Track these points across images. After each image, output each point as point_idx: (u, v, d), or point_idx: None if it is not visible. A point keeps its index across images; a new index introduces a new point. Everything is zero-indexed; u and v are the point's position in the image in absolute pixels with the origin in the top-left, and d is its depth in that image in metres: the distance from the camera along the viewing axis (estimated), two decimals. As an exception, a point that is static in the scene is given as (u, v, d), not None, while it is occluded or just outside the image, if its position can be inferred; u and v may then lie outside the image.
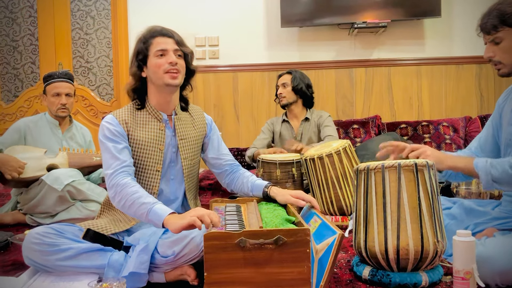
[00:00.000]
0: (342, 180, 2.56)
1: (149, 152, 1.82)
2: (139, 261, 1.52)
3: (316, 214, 1.66)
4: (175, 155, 1.87)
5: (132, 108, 1.86)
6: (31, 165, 2.62)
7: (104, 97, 4.47)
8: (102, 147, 1.77)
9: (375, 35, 4.03)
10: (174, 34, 1.85)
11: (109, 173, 1.69)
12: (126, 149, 1.77)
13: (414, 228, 1.52)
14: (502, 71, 1.69)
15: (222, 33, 4.19)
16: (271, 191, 1.84)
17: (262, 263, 1.33)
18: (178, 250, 1.53)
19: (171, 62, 1.78)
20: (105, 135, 1.76)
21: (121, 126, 1.79)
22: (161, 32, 1.82)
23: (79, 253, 1.57)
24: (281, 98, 3.20)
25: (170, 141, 1.86)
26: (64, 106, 2.81)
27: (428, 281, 1.52)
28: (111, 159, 1.72)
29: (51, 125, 2.87)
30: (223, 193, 3.11)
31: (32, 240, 1.57)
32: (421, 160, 1.57)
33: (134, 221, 1.77)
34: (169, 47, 1.80)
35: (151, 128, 1.84)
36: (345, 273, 1.71)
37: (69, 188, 2.54)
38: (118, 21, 4.26)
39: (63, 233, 1.61)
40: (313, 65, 4.06)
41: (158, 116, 1.85)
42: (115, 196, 1.65)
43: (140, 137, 1.81)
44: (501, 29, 1.63)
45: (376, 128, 3.78)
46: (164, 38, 1.81)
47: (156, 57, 1.79)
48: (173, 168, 1.88)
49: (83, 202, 2.61)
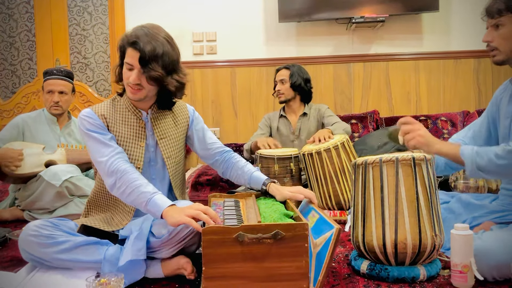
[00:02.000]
0: (340, 175, 2.56)
1: (130, 148, 1.76)
2: (135, 248, 1.52)
3: (313, 209, 1.66)
4: (154, 155, 1.82)
5: (111, 104, 1.81)
6: (29, 161, 2.61)
7: (101, 93, 4.46)
8: (88, 138, 1.70)
9: (373, 29, 4.03)
10: (145, 49, 1.60)
11: (104, 160, 1.64)
12: (113, 139, 1.73)
13: (412, 222, 1.53)
14: (496, 58, 1.70)
15: (219, 28, 4.17)
16: (270, 189, 1.81)
17: (260, 258, 1.33)
18: (172, 227, 1.53)
19: (131, 81, 1.67)
20: (87, 127, 1.70)
21: (100, 120, 1.74)
22: (133, 45, 1.63)
23: (76, 246, 1.57)
24: (279, 94, 3.17)
25: (149, 141, 1.80)
26: (57, 104, 2.77)
27: (426, 275, 1.53)
28: (102, 148, 1.67)
29: (49, 122, 2.86)
30: (222, 188, 3.12)
31: (30, 232, 1.57)
32: (419, 154, 1.58)
33: (126, 220, 1.75)
34: (135, 64, 1.64)
35: (130, 123, 1.78)
36: (343, 267, 1.71)
37: (67, 184, 2.54)
38: (115, 16, 4.25)
39: (59, 226, 1.62)
40: (311, 60, 4.05)
41: (137, 113, 1.79)
42: (116, 183, 1.61)
43: (120, 132, 1.76)
44: (505, 14, 1.64)
45: (374, 123, 3.78)
46: (133, 52, 1.63)
47: (126, 68, 1.69)
48: (153, 167, 1.82)
49: (81, 198, 2.61)
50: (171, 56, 1.67)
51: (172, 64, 1.69)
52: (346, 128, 2.92)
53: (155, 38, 1.65)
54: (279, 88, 3.16)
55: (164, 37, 1.68)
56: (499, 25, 1.67)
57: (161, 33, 1.69)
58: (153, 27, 1.70)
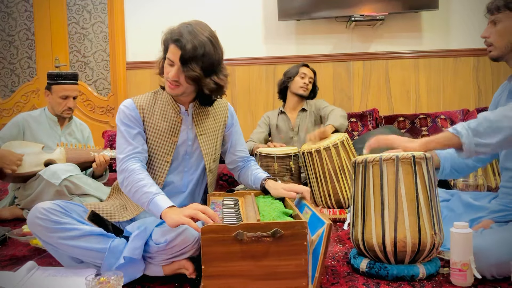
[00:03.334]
0: (340, 173, 2.56)
1: (162, 142, 1.82)
2: (133, 246, 1.53)
3: (306, 206, 1.67)
4: (191, 148, 1.86)
5: (152, 96, 1.86)
6: (29, 160, 2.61)
7: (101, 92, 4.45)
8: (117, 130, 1.79)
9: (373, 28, 4.02)
10: (186, 47, 1.63)
11: (120, 158, 1.72)
12: (140, 135, 1.78)
13: (411, 221, 1.52)
14: (492, 53, 1.74)
15: (219, 27, 4.12)
16: (267, 185, 1.87)
17: (259, 256, 1.33)
18: (170, 238, 1.52)
19: (170, 77, 1.70)
20: (120, 119, 1.78)
21: (137, 110, 1.80)
22: (176, 42, 1.66)
23: (82, 235, 1.57)
24: (305, 88, 3.18)
25: (187, 134, 1.85)
26: (70, 108, 2.83)
27: (426, 273, 1.53)
28: (124, 144, 1.74)
29: (50, 121, 2.86)
30: (221, 187, 3.12)
31: (38, 215, 1.56)
32: (419, 153, 1.57)
33: (139, 210, 1.78)
34: (176, 61, 1.67)
35: (168, 118, 1.83)
36: (343, 265, 1.71)
37: (66, 183, 2.54)
38: (114, 15, 4.24)
39: (69, 212, 1.61)
40: (310, 59, 4.04)
41: (176, 108, 1.84)
42: (124, 181, 1.68)
43: (155, 125, 1.81)
44: (503, 11, 1.68)
45: (373, 121, 3.78)
46: (175, 49, 1.66)
47: (167, 63, 1.72)
48: (188, 160, 1.87)
49: (81, 196, 2.61)
50: (211, 57, 1.69)
51: (212, 65, 1.71)
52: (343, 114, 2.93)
53: (198, 37, 1.66)
54: (308, 84, 3.18)
55: (208, 36, 1.69)
56: (496, 22, 1.71)
57: (205, 32, 1.70)
58: (198, 24, 1.71)
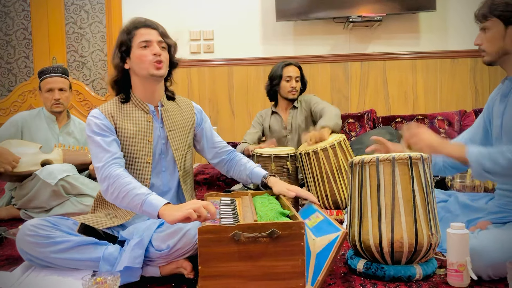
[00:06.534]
0: (337, 174, 2.56)
1: (137, 145, 1.81)
2: (133, 255, 1.52)
3: (318, 211, 1.68)
4: (165, 147, 1.87)
5: (117, 101, 1.86)
6: (26, 160, 2.60)
7: (98, 92, 4.45)
8: (90, 142, 1.75)
9: (370, 29, 4.03)
10: (158, 25, 1.84)
11: (100, 166, 1.68)
12: (115, 142, 1.76)
13: (408, 221, 1.53)
14: (485, 58, 1.77)
15: (217, 27, 4.17)
16: (269, 181, 1.90)
17: (256, 257, 1.33)
18: (172, 243, 1.52)
19: (155, 54, 1.77)
20: (92, 129, 1.75)
21: (108, 119, 1.78)
22: (145, 24, 1.81)
23: (74, 246, 1.56)
24: (293, 92, 3.11)
25: (159, 132, 1.86)
26: (58, 101, 2.79)
27: (422, 273, 1.53)
28: (101, 153, 1.70)
29: (48, 120, 2.85)
30: (219, 188, 3.12)
31: (27, 232, 1.56)
32: (416, 153, 1.58)
33: (130, 215, 1.76)
34: (153, 38, 1.79)
35: (138, 120, 1.83)
36: (340, 266, 1.71)
37: (62, 182, 2.53)
38: (112, 15, 4.24)
39: (58, 226, 1.60)
40: (308, 59, 4.05)
41: (145, 107, 1.84)
42: (108, 188, 1.63)
43: (128, 129, 1.80)
44: (490, 19, 1.70)
45: (371, 122, 3.78)
46: (148, 29, 1.80)
47: (140, 49, 1.78)
48: (164, 159, 1.87)
49: (78, 196, 2.60)
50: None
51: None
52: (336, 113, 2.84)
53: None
54: (295, 85, 3.10)
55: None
56: (485, 29, 1.73)
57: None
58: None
